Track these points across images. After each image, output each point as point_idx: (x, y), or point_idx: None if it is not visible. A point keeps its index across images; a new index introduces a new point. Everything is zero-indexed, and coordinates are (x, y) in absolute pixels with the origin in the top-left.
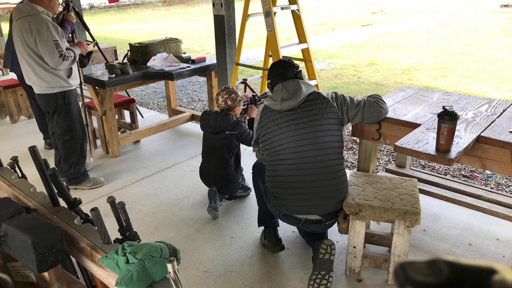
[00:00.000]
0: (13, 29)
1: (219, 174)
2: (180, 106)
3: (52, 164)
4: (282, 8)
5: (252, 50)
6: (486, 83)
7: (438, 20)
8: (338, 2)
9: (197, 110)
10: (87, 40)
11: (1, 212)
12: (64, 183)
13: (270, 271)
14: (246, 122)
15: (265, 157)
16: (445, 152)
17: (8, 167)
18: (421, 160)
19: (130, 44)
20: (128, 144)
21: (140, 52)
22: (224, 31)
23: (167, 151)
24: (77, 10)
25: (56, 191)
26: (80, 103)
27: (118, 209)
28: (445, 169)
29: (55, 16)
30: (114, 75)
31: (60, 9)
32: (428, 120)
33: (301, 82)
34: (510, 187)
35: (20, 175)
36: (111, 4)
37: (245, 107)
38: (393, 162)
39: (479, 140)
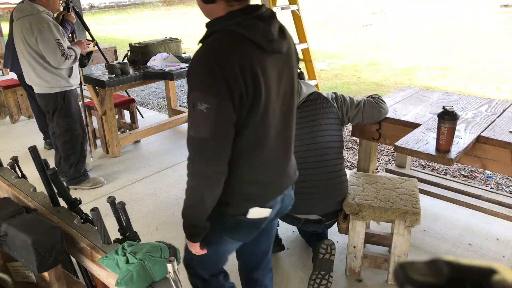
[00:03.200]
0: (14, 29)
1: None
2: (180, 106)
3: (52, 164)
4: (282, 8)
5: None
6: (486, 83)
7: (438, 20)
8: (338, 2)
9: None
10: (87, 40)
11: (1, 212)
12: (64, 183)
13: None
14: None
15: None
16: (445, 152)
17: (8, 167)
18: (421, 160)
19: (130, 44)
20: (128, 144)
21: (140, 52)
22: None
23: (167, 151)
24: (77, 10)
25: (56, 191)
26: (80, 103)
27: (118, 209)
28: (445, 169)
29: (55, 15)
30: (114, 75)
31: (60, 9)
32: (428, 120)
33: (301, 82)
34: (510, 187)
35: (20, 175)
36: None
37: None
38: (393, 162)
39: (479, 140)
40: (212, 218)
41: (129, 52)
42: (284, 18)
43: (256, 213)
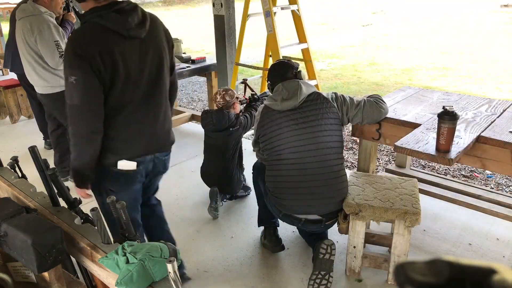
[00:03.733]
0: (16, 29)
1: (222, 172)
2: (180, 106)
3: (52, 164)
4: (282, 8)
5: (252, 50)
6: (486, 83)
7: (438, 20)
8: (338, 2)
9: (197, 110)
10: None
11: (1, 212)
12: (64, 183)
13: (270, 271)
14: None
15: (265, 157)
16: (445, 152)
17: (8, 167)
18: (421, 160)
19: None
20: None
21: None
22: (224, 31)
23: None
24: (77, 10)
25: (56, 191)
26: None
27: (118, 209)
28: (445, 169)
29: (56, 16)
30: None
31: (61, 11)
32: (428, 120)
33: (301, 82)
34: (510, 187)
35: (20, 175)
36: None
37: (244, 105)
38: (393, 162)
39: (479, 140)
40: (99, 171)
41: None
42: (284, 18)
43: (123, 165)
